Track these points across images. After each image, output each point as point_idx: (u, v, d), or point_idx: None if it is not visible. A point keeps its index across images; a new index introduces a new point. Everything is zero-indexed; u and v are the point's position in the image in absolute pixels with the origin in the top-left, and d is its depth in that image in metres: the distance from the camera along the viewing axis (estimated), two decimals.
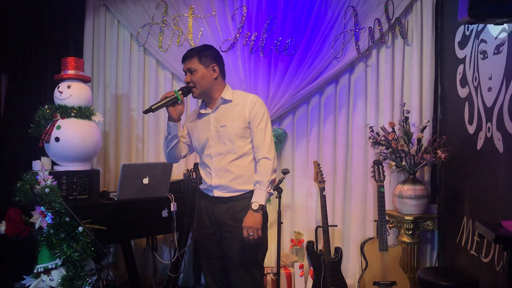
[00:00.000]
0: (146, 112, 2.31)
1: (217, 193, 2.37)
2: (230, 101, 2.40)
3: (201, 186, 2.49)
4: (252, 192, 2.33)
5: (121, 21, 3.79)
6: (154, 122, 3.85)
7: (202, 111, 2.46)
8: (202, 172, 2.46)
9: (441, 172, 3.57)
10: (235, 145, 2.34)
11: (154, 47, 3.76)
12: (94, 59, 3.78)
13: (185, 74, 2.41)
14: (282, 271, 3.54)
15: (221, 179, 2.35)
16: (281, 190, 3.13)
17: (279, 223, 3.07)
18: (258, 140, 2.35)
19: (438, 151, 3.29)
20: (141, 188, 2.88)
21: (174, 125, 2.40)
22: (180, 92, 2.34)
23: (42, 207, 2.35)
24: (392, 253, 3.22)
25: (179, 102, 2.35)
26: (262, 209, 2.28)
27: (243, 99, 2.40)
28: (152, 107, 2.29)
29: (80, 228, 2.38)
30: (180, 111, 2.38)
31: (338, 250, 3.37)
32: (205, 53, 2.38)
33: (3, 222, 2.53)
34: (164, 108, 2.36)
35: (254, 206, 2.26)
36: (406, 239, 3.42)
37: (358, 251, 3.53)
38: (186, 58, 2.41)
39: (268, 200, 2.40)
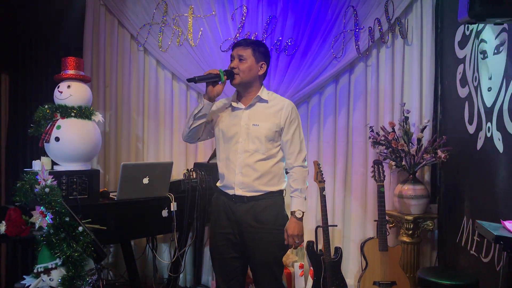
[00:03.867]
0: (189, 80, 2.31)
1: (238, 192, 2.34)
2: (266, 101, 2.40)
3: (219, 184, 2.46)
4: (273, 193, 2.35)
5: (121, 21, 3.79)
6: (154, 122, 3.85)
7: (234, 104, 2.43)
8: (223, 168, 2.41)
9: (441, 172, 3.57)
10: (263, 146, 2.33)
11: (154, 47, 3.76)
12: (94, 59, 3.78)
13: (232, 59, 2.38)
14: None
15: (245, 177, 2.33)
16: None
17: None
18: (294, 147, 2.37)
19: (438, 151, 3.29)
20: (141, 188, 2.88)
21: (209, 104, 2.36)
22: (224, 72, 2.33)
23: (42, 207, 2.35)
24: (392, 253, 3.22)
25: (220, 82, 2.33)
26: (303, 216, 2.34)
27: (279, 103, 2.40)
28: (196, 78, 2.30)
29: (80, 228, 2.38)
30: (218, 92, 2.34)
31: (338, 250, 3.37)
32: (260, 49, 2.38)
33: (3, 222, 2.52)
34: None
35: (298, 214, 2.31)
36: (406, 239, 3.42)
37: (358, 251, 3.53)
38: (240, 44, 2.38)
39: None
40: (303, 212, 2.33)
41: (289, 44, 3.64)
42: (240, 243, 2.38)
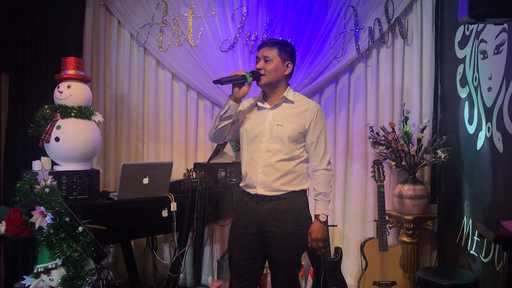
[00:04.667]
0: (215, 82, 2.32)
1: (260, 191, 2.35)
2: (291, 102, 2.40)
3: (241, 184, 2.47)
4: (295, 192, 2.35)
5: (121, 21, 3.79)
6: (154, 122, 3.85)
7: (260, 104, 2.44)
8: (246, 167, 2.42)
9: (441, 172, 3.57)
10: (286, 147, 2.33)
11: (154, 47, 3.76)
12: (94, 59, 3.78)
13: (257, 60, 2.39)
14: None
15: (267, 176, 2.33)
16: None
17: None
18: (319, 150, 2.37)
19: (438, 151, 3.29)
20: (141, 188, 2.88)
21: (234, 105, 2.36)
22: (250, 74, 2.33)
23: (42, 207, 2.35)
24: (392, 253, 3.22)
25: (246, 83, 2.34)
26: (327, 219, 2.35)
27: (305, 104, 2.40)
28: (222, 80, 2.30)
29: (80, 228, 2.38)
30: (244, 93, 2.35)
31: (338, 250, 3.37)
32: (286, 48, 2.38)
33: (3, 222, 2.52)
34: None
35: (322, 218, 2.33)
36: (406, 239, 3.42)
37: (358, 251, 3.53)
38: (266, 45, 2.38)
39: None
40: (327, 216, 2.34)
41: None
42: (259, 244, 2.38)
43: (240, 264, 2.41)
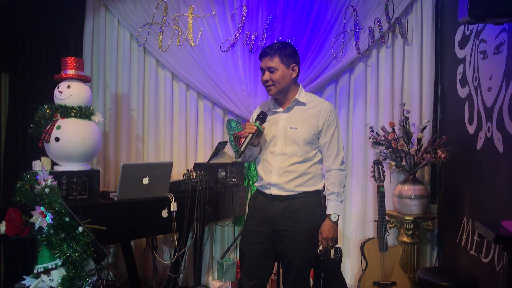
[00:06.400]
0: (239, 156, 2.34)
1: (274, 191, 2.37)
2: (304, 104, 2.39)
3: (257, 184, 2.49)
4: (308, 193, 2.36)
5: (121, 21, 3.79)
6: (154, 122, 3.85)
7: (272, 109, 2.45)
8: (260, 169, 2.44)
9: (441, 172, 3.57)
10: (301, 149, 2.34)
11: (154, 47, 3.76)
12: (94, 59, 3.78)
13: (262, 72, 2.38)
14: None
15: (281, 178, 2.35)
16: None
17: None
18: (331, 150, 2.37)
19: (438, 151, 3.29)
20: (141, 188, 2.88)
21: (256, 148, 2.42)
22: (259, 123, 2.34)
23: (42, 207, 2.35)
24: (392, 253, 3.22)
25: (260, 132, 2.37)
26: (338, 219, 2.35)
27: (318, 105, 2.39)
28: (242, 149, 2.32)
29: (80, 228, 2.38)
30: (260, 137, 2.39)
31: (338, 250, 3.37)
32: (287, 52, 2.35)
33: (3, 222, 2.52)
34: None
35: (334, 217, 2.33)
36: (406, 239, 3.42)
37: (358, 251, 3.53)
38: (266, 54, 2.35)
39: None
40: (338, 216, 2.34)
41: None
42: (271, 242, 2.39)
43: (251, 261, 2.42)
